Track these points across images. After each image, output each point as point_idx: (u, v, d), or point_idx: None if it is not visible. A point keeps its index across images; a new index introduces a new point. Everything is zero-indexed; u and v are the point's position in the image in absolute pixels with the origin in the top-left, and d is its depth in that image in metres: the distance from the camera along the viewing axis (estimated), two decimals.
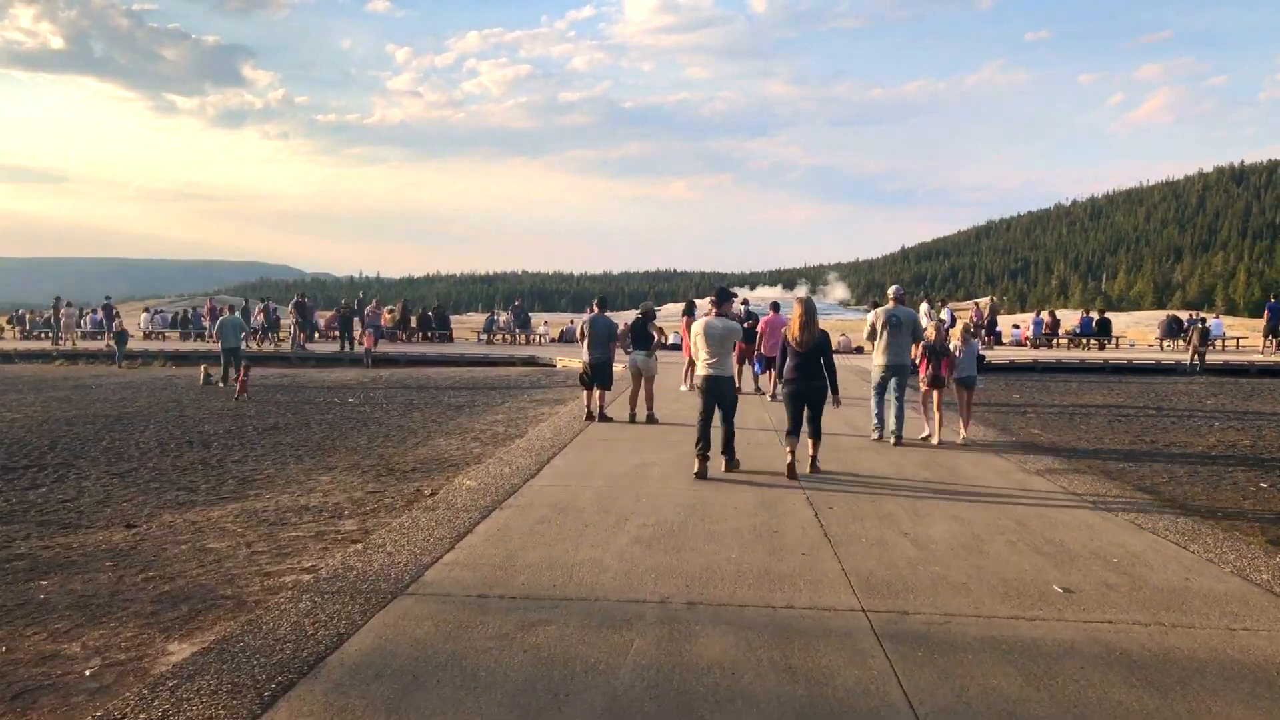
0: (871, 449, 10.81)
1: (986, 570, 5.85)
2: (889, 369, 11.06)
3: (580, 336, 13.36)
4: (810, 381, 9.02)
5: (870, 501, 7.83)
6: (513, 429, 13.22)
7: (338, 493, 8.97)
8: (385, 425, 14.26)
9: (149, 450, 11.96)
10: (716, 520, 7.02)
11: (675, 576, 5.54)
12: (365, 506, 8.18)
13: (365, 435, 13.17)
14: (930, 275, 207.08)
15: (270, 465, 10.79)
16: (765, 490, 8.24)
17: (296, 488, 9.35)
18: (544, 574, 5.54)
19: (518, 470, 9.06)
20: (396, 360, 27.84)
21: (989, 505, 7.81)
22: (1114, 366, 24.25)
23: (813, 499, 7.87)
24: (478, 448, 11.66)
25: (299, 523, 7.58)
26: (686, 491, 8.09)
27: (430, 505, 7.61)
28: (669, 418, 13.13)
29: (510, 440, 12.03)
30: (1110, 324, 31.41)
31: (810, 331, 8.99)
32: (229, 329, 21.95)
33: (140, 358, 29.58)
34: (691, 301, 20.36)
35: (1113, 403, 16.99)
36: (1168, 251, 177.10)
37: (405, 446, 12.02)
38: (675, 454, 10.11)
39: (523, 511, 7.21)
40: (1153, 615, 5.03)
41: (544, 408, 15.90)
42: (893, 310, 11.09)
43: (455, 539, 6.32)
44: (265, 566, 6.21)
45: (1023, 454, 10.78)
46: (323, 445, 12.31)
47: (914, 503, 7.82)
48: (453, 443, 12.22)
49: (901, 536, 6.66)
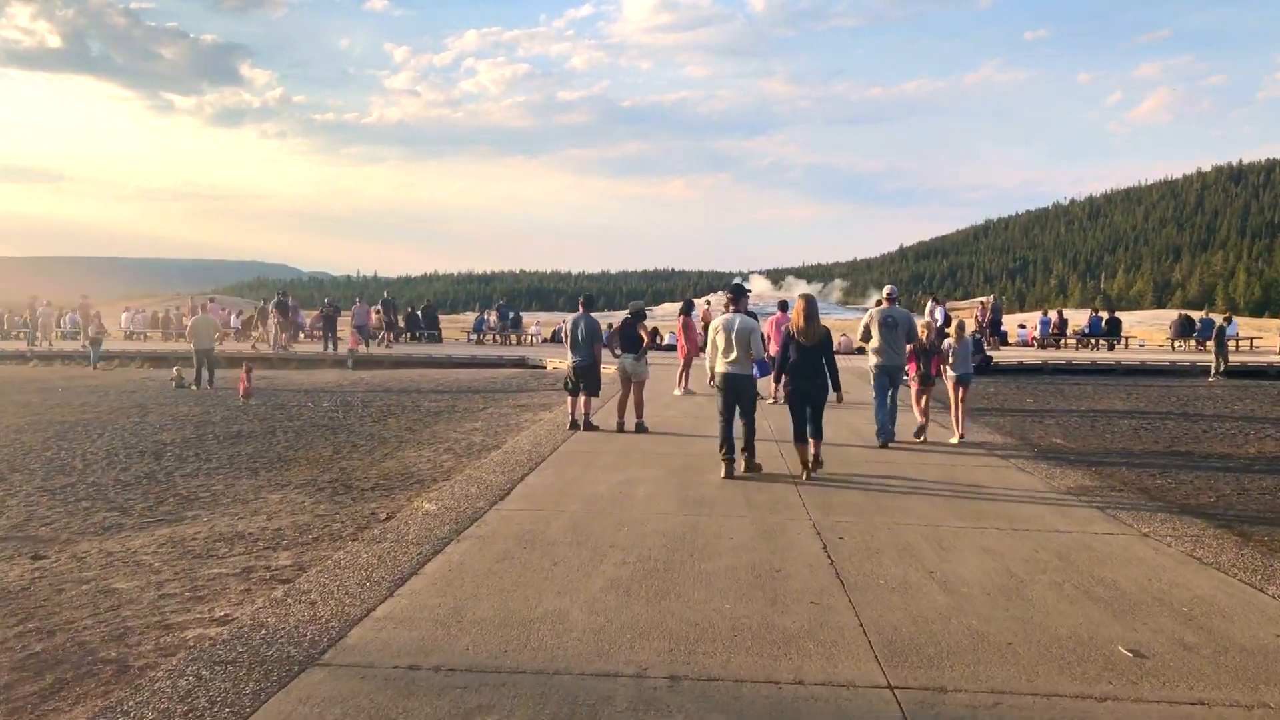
0: (882, 461, 9.82)
1: (1034, 624, 4.84)
2: (883, 369, 10.91)
3: (564, 338, 12.36)
4: (813, 379, 8.87)
5: (886, 529, 6.82)
6: (490, 439, 12.20)
7: (284, 515, 7.95)
8: (356, 433, 13.24)
9: (94, 462, 10.95)
10: (709, 555, 6.00)
11: (656, 637, 4.52)
12: (309, 534, 7.16)
13: (331, 445, 12.15)
14: (929, 275, 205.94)
15: (220, 480, 9.78)
16: (766, 515, 7.23)
17: (240, 509, 8.34)
18: (495, 634, 4.52)
19: (486, 490, 8.05)
20: (381, 362, 26.81)
21: (1021, 533, 6.80)
22: (1127, 368, 23.26)
23: (820, 526, 6.86)
24: (449, 461, 10.64)
25: (227, 555, 6.56)
26: (675, 517, 7.06)
27: (379, 535, 6.59)
28: (660, 426, 12.12)
29: (486, 452, 11.01)
30: (1120, 324, 30.39)
31: (815, 325, 8.88)
32: (202, 329, 20.93)
33: (117, 359, 28.54)
34: (689, 300, 19.37)
35: (1134, 408, 15.99)
36: (1166, 250, 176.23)
37: (371, 459, 11.01)
38: (664, 469, 9.09)
39: (483, 544, 6.19)
40: (1253, 692, 4.02)
41: (527, 414, 14.89)
42: (888, 311, 10.97)
43: (397, 583, 5.30)
44: (169, 616, 5.18)
45: (1048, 467, 9.78)
46: (284, 457, 11.30)
47: (936, 531, 6.81)
48: (423, 455, 11.20)
49: (926, 577, 5.65)
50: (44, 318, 32.80)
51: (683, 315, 17.26)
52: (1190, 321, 30.67)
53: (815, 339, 8.83)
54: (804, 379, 8.87)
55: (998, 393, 18.23)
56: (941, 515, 7.35)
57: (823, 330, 8.94)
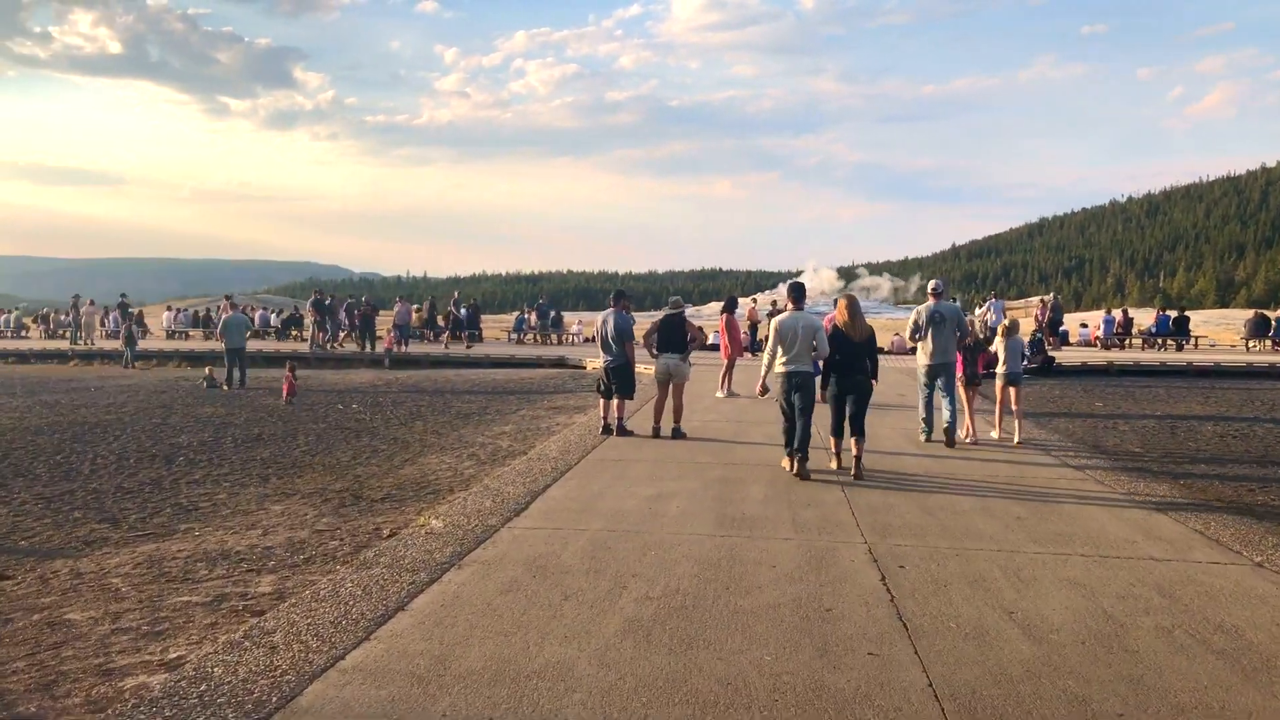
0: (941, 470, 8.87)
1: (1146, 686, 3.92)
2: (934, 368, 10.56)
3: (595, 337, 11.60)
4: (856, 376, 8.84)
5: (953, 555, 5.91)
6: (518, 443, 11.44)
7: (281, 530, 7.25)
8: (380, 437, 12.58)
9: (103, 466, 10.41)
10: (747, 588, 5.14)
11: (678, 700, 3.67)
12: (301, 554, 6.43)
13: (351, 450, 11.48)
14: (982, 273, 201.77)
15: (226, 488, 9.14)
16: (814, 537, 6.34)
17: (237, 521, 7.66)
18: (482, 694, 3.70)
19: (502, 504, 7.26)
20: (419, 362, 26.26)
21: (1111, 561, 5.85)
22: (1199, 369, 21.88)
23: (876, 552, 5.97)
24: (471, 468, 9.90)
25: (205, 579, 5.85)
26: (710, 540, 6.20)
27: (373, 558, 5.81)
28: (699, 432, 11.26)
29: (511, 458, 10.25)
30: (1188, 323, 28.76)
31: (861, 321, 8.95)
32: (233, 328, 20.48)
33: (155, 358, 28.37)
34: (733, 297, 18.45)
35: (1216, 412, 14.77)
36: (1229, 248, 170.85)
37: (390, 465, 10.31)
38: (701, 481, 8.24)
39: (487, 572, 5.39)
40: None
41: (561, 416, 14.12)
42: (935, 306, 10.58)
43: (377, 621, 4.52)
44: (115, 658, 4.46)
45: (1129, 480, 8.76)
46: (299, 462, 10.65)
47: (1011, 558, 5.89)
48: (445, 461, 10.47)
49: (1005, 618, 4.74)
50: (87, 317, 32.80)
51: (726, 313, 16.38)
52: (1266, 320, 28.98)
53: (862, 336, 8.87)
54: (849, 375, 8.83)
55: (1063, 395, 17.08)
56: (1015, 538, 6.42)
57: (869, 328, 9.02)
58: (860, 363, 8.87)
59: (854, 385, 8.83)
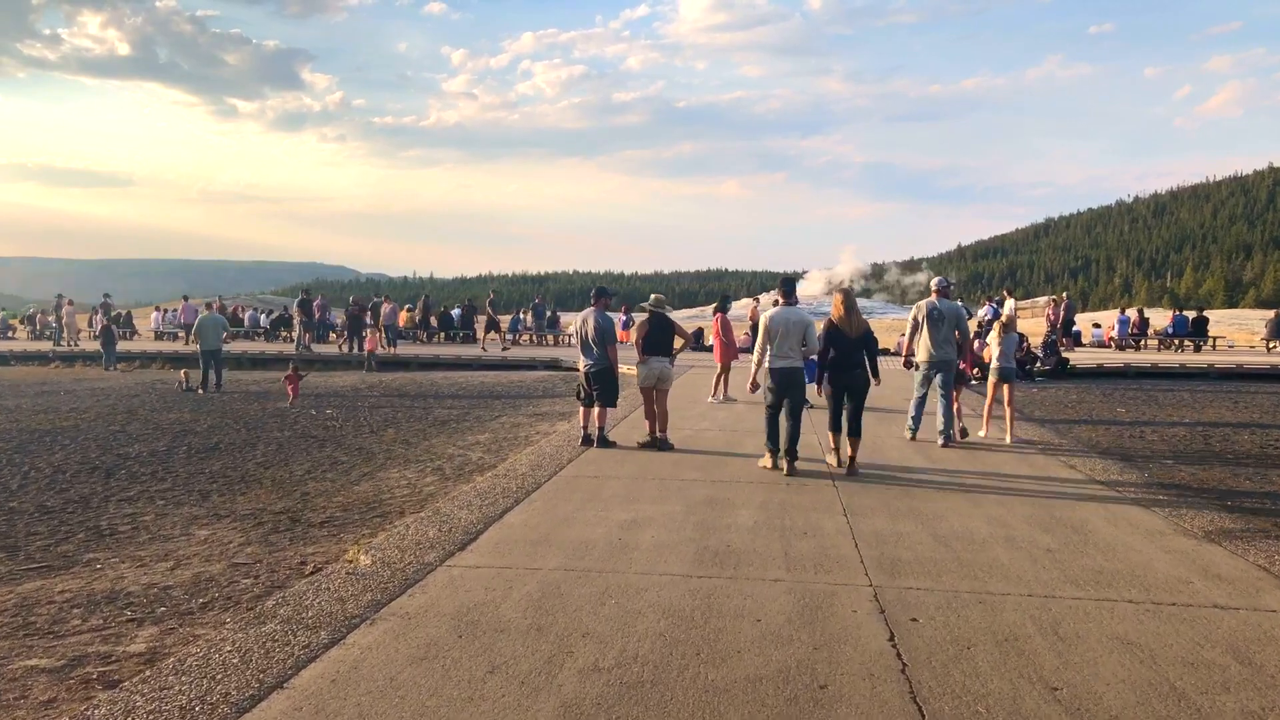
0: (955, 486, 7.84)
1: None
2: (932, 366, 10.27)
3: (573, 338, 10.63)
4: (854, 371, 8.76)
5: (976, 603, 4.90)
6: (490, 456, 10.45)
7: (195, 563, 6.27)
8: (345, 446, 11.60)
9: (33, 482, 9.48)
10: (723, 653, 4.13)
11: None
12: (202, 596, 5.45)
13: (310, 461, 10.51)
14: (987, 274, 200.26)
15: (157, 508, 8.18)
16: (810, 576, 5.34)
17: (152, 550, 6.68)
18: None
19: (449, 533, 6.26)
20: (408, 364, 25.28)
21: (1168, 610, 4.84)
22: (1221, 372, 20.80)
23: (884, 598, 4.96)
24: (433, 484, 8.91)
25: (75, 631, 4.86)
26: (685, 583, 5.19)
27: (273, 608, 4.80)
28: (689, 443, 10.26)
29: (479, 473, 9.27)
30: (1207, 323, 27.61)
31: (857, 316, 8.86)
32: (208, 328, 19.49)
33: (137, 359, 27.45)
34: (725, 296, 17.41)
35: (1249, 420, 13.71)
36: (1237, 249, 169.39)
37: (346, 480, 9.33)
38: (683, 504, 7.23)
39: (403, 630, 4.38)
40: None
41: (543, 424, 13.13)
42: (935, 303, 10.30)
43: (242, 706, 3.52)
44: None
45: (1169, 500, 7.74)
46: (249, 476, 9.69)
47: (1046, 606, 4.88)
48: (407, 475, 9.49)
49: (1048, 698, 3.73)
50: (69, 317, 31.90)
51: (719, 313, 15.36)
52: None
53: (858, 331, 8.77)
54: (846, 371, 8.74)
55: (1081, 400, 16.03)
56: (1048, 578, 5.41)
57: (865, 323, 8.93)
58: (857, 359, 8.77)
59: (851, 381, 8.74)
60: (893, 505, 7.27)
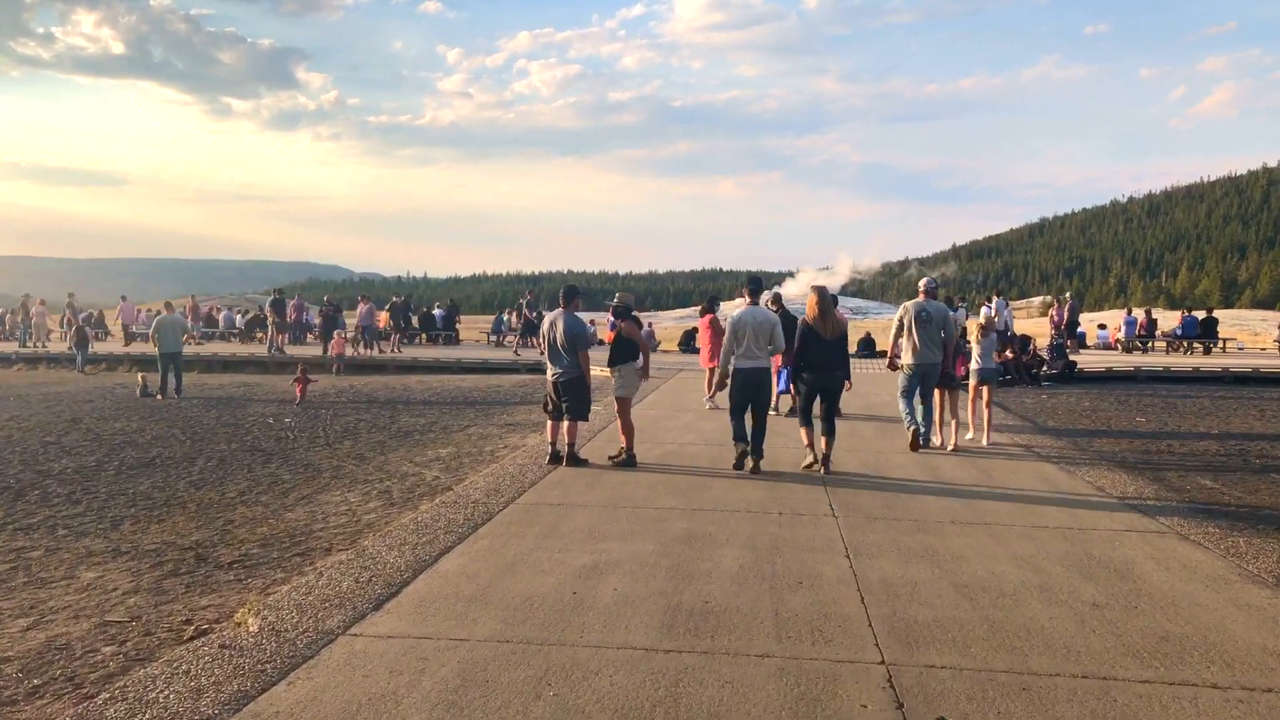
0: (972, 517, 6.75)
1: None
2: (917, 368, 9.87)
3: (539, 343, 9.59)
4: (831, 372, 8.70)
5: (1018, 689, 3.82)
6: (448, 474, 9.36)
7: (62, 620, 5.17)
8: (292, 461, 10.50)
9: None
10: None
11: None
12: (39, 674, 4.34)
13: (247, 480, 9.42)
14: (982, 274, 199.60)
15: (53, 540, 7.11)
16: (806, 649, 4.25)
17: (20, 600, 5.60)
18: None
19: (367, 583, 5.16)
20: (384, 367, 24.16)
21: (1267, 702, 3.77)
22: (1237, 375, 19.75)
23: (899, 680, 3.87)
24: (375, 511, 7.82)
25: None
26: (648, 660, 4.09)
27: (100, 707, 3.70)
28: (671, 458, 9.19)
29: (429, 496, 8.19)
30: (1216, 324, 26.52)
31: (833, 317, 8.74)
32: (167, 330, 18.30)
33: (105, 361, 26.30)
34: (714, 297, 16.29)
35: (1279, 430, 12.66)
36: (1231, 248, 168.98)
37: (280, 505, 8.24)
38: (656, 542, 6.13)
39: None
40: None
41: (513, 436, 12.03)
42: (922, 304, 9.92)
43: None
44: None
45: (1222, 534, 6.65)
46: (175, 499, 8.61)
47: (1105, 692, 3.80)
48: (350, 498, 8.40)
49: None
50: (38, 318, 30.68)
51: (707, 314, 14.26)
52: None
53: (834, 333, 8.68)
54: (822, 372, 8.63)
55: (1096, 408, 14.95)
56: (1101, 646, 4.33)
57: (842, 324, 8.91)
58: (833, 360, 8.67)
59: (829, 383, 8.69)
60: (902, 543, 6.19)
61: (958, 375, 10.62)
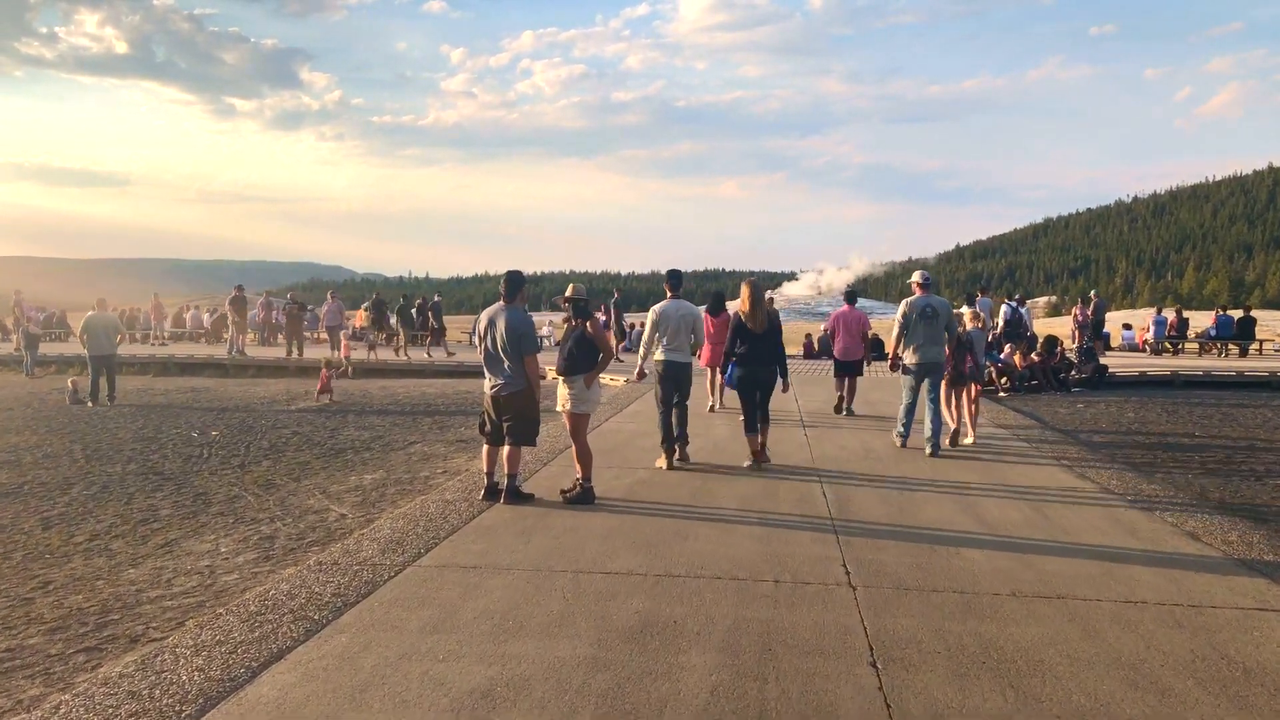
0: (1028, 582, 4.84)
1: None
2: (923, 368, 9.34)
3: (476, 345, 7.72)
4: (765, 366, 8.48)
5: None
6: (358, 511, 7.45)
7: None
8: (181, 489, 8.65)
9: None
10: None
11: None
12: None
13: (115, 515, 7.59)
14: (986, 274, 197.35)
15: None
16: None
17: None
18: None
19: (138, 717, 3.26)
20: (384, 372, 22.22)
21: None
22: None
23: None
24: (243, 567, 5.93)
25: None
26: None
27: None
28: (637, 493, 7.28)
29: (320, 545, 6.29)
30: (1254, 324, 24.52)
31: (761, 311, 8.43)
32: (98, 330, 16.37)
33: (55, 363, 24.42)
34: (719, 293, 14.08)
35: None
36: (1237, 248, 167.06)
37: (129, 556, 6.38)
38: (595, 636, 4.20)
39: None
40: None
41: (461, 456, 10.14)
42: (925, 299, 9.38)
43: None
44: None
45: None
46: (9, 543, 6.72)
47: None
48: (220, 548, 6.50)
49: None
50: None
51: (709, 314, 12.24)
52: None
53: (763, 326, 8.43)
54: (756, 365, 8.46)
55: (1141, 417, 13.01)
56: None
57: (773, 315, 8.76)
58: (764, 355, 8.44)
59: (766, 378, 8.49)
60: (950, 635, 4.27)
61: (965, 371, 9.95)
